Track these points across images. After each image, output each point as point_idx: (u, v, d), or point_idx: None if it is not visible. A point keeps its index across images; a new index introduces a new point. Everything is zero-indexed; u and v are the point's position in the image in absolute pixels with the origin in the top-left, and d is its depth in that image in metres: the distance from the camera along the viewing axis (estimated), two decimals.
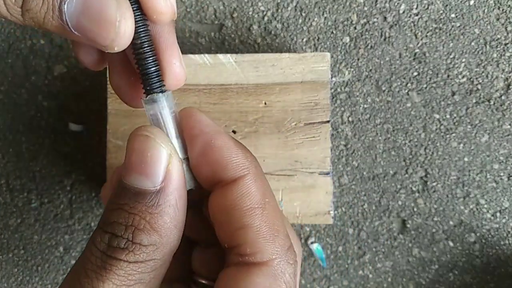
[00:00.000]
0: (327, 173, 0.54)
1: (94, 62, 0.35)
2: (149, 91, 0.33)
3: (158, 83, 0.33)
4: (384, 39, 0.61)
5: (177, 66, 0.33)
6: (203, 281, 0.36)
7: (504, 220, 0.59)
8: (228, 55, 0.54)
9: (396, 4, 0.60)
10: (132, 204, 0.30)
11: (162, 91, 0.33)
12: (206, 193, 0.34)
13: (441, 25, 0.60)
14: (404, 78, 0.60)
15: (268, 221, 0.31)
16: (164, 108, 0.33)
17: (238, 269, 0.30)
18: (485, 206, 0.59)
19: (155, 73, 0.33)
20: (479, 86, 0.60)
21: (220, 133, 0.33)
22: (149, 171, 0.30)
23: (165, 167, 0.30)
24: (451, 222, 0.60)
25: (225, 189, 0.32)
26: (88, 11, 0.27)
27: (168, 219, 0.30)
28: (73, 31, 0.28)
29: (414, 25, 0.60)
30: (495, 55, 0.60)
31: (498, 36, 0.60)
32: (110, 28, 0.28)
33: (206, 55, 0.55)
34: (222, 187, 0.32)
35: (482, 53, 0.60)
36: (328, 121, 0.53)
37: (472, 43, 0.60)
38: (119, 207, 0.30)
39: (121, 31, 0.28)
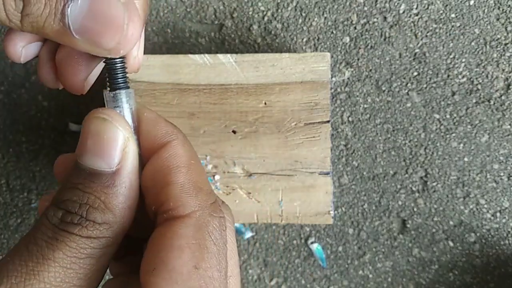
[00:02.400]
0: (327, 173, 0.54)
1: (54, 81, 0.36)
2: (115, 87, 0.34)
3: (123, 81, 0.34)
4: (384, 39, 0.61)
5: (137, 58, 0.35)
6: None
7: (504, 220, 0.59)
8: (228, 55, 0.54)
9: (396, 4, 0.60)
10: (87, 184, 0.30)
11: (126, 88, 0.34)
12: None
13: (441, 25, 0.60)
14: (404, 78, 0.60)
15: (191, 179, 0.32)
16: (126, 104, 0.34)
17: (163, 226, 0.31)
18: (485, 206, 0.59)
19: (121, 71, 0.34)
20: (479, 86, 0.60)
21: (154, 112, 0.34)
22: (105, 153, 0.31)
23: (121, 149, 0.31)
24: (451, 222, 0.60)
25: (155, 154, 0.33)
26: (95, 14, 0.27)
27: (123, 199, 0.31)
28: (74, 34, 0.28)
29: (414, 25, 0.60)
30: (495, 55, 0.60)
31: (498, 36, 0.60)
32: (117, 31, 0.28)
33: (206, 55, 0.55)
34: (156, 152, 0.33)
35: (482, 53, 0.60)
36: (328, 121, 0.53)
37: (472, 43, 0.60)
38: (73, 186, 0.31)
39: (128, 34, 0.28)
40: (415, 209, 0.60)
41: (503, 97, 0.59)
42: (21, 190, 0.63)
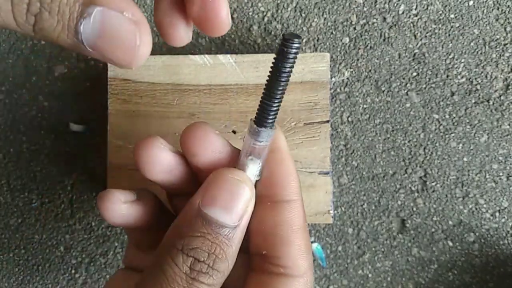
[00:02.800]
0: (327, 173, 0.54)
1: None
2: (262, 124, 0.36)
3: (272, 120, 0.36)
4: (384, 40, 0.61)
5: (224, 16, 0.34)
6: None
7: (503, 220, 0.60)
8: (228, 55, 0.55)
9: (395, 4, 0.61)
10: (214, 234, 0.34)
11: (271, 127, 0.36)
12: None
13: (440, 25, 0.60)
14: (404, 79, 0.60)
15: (306, 241, 0.36)
16: (267, 142, 0.36)
17: (274, 278, 0.35)
18: (484, 206, 0.60)
19: (275, 110, 0.35)
20: (478, 87, 0.60)
21: (290, 157, 0.38)
22: (234, 210, 0.35)
23: (245, 208, 0.35)
24: (450, 222, 0.60)
25: (279, 206, 0.37)
26: (107, 34, 0.27)
27: (236, 250, 0.35)
28: (89, 49, 0.28)
29: (414, 25, 0.61)
30: (494, 56, 0.60)
31: (497, 37, 0.60)
32: (130, 52, 0.28)
33: (206, 55, 0.55)
34: (277, 203, 0.37)
35: (481, 53, 0.60)
36: (327, 121, 0.54)
37: (471, 44, 0.60)
38: (201, 235, 0.34)
39: (139, 54, 0.29)
40: (414, 209, 0.60)
41: (502, 97, 0.60)
42: (22, 190, 0.63)
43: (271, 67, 0.34)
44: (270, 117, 0.35)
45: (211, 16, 0.33)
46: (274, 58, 0.33)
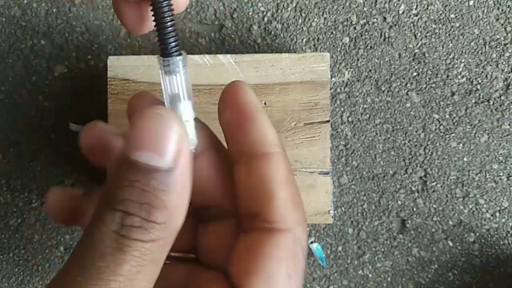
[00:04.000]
0: (327, 173, 0.54)
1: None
2: (167, 54, 0.33)
3: (176, 47, 0.33)
4: (384, 40, 0.61)
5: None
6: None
7: (503, 220, 0.59)
8: (228, 55, 0.55)
9: (395, 4, 0.61)
10: (145, 181, 0.29)
11: (179, 54, 0.34)
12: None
13: (440, 25, 0.60)
14: (404, 78, 0.60)
15: (292, 195, 0.34)
16: (180, 71, 0.34)
17: (261, 234, 0.33)
18: (485, 206, 0.60)
19: (173, 37, 0.33)
20: (478, 86, 0.60)
21: (262, 109, 0.35)
22: (163, 150, 0.29)
23: (177, 147, 0.30)
24: (450, 222, 0.60)
25: (259, 161, 0.34)
26: None
27: (177, 197, 0.30)
28: None
29: (414, 25, 0.61)
30: (494, 55, 0.60)
31: (498, 37, 0.60)
32: None
33: (206, 55, 0.55)
34: (255, 159, 0.34)
35: (481, 53, 0.60)
36: (327, 121, 0.54)
37: (472, 44, 0.60)
38: (130, 184, 0.29)
39: None
40: (414, 209, 0.60)
41: (502, 97, 0.60)
42: (22, 190, 0.63)
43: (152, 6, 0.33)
44: (171, 44, 0.33)
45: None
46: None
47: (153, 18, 0.33)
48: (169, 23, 0.33)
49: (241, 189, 0.34)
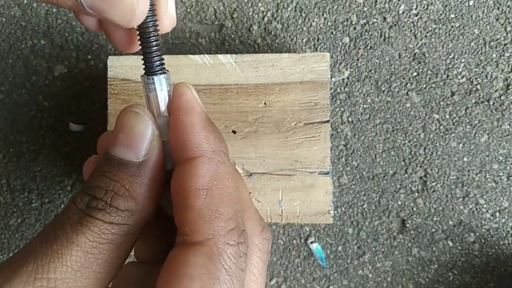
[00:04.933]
0: (327, 173, 0.54)
1: (96, 26, 0.37)
2: (149, 71, 0.35)
3: (159, 64, 0.35)
4: (384, 40, 0.61)
5: (169, 14, 0.35)
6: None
7: (503, 220, 0.59)
8: (228, 55, 0.54)
9: (395, 4, 0.61)
10: (115, 172, 0.32)
11: (162, 73, 0.35)
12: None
13: (440, 25, 0.60)
14: (404, 78, 0.60)
15: (210, 203, 0.31)
16: (160, 89, 0.35)
17: (178, 249, 0.31)
18: (485, 206, 0.60)
19: (156, 55, 0.35)
20: (478, 86, 0.60)
21: (193, 110, 0.34)
22: (134, 145, 0.33)
23: (149, 143, 0.33)
24: (450, 222, 0.60)
25: (178, 168, 0.33)
26: None
27: (146, 190, 0.32)
28: (88, 10, 0.28)
29: (414, 25, 0.61)
30: (494, 55, 0.60)
31: (498, 37, 0.60)
32: (127, 10, 0.29)
33: (206, 55, 0.55)
34: (178, 165, 0.33)
35: (481, 53, 0.60)
36: (327, 121, 0.54)
37: (472, 44, 0.60)
38: (102, 174, 0.32)
39: (137, 12, 0.29)
40: (414, 209, 0.60)
41: (502, 97, 0.60)
42: (22, 190, 0.63)
43: (139, 30, 0.35)
44: (156, 63, 0.35)
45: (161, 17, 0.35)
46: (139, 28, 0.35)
47: (139, 38, 0.34)
48: (154, 43, 0.35)
49: (173, 199, 0.33)
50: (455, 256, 0.60)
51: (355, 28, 0.61)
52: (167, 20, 0.35)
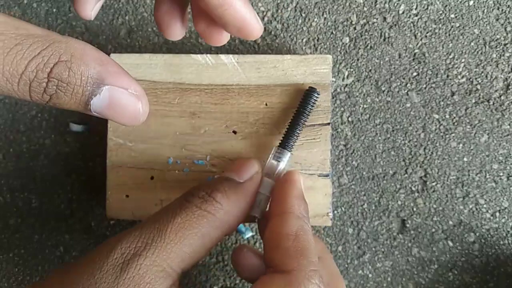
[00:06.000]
0: (327, 175, 0.54)
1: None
2: (284, 145, 0.50)
3: (293, 145, 0.51)
4: (384, 40, 0.61)
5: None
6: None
7: (503, 220, 0.60)
8: (230, 55, 0.55)
9: (395, 4, 0.61)
10: (220, 180, 0.44)
11: (290, 151, 0.50)
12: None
13: (440, 25, 0.60)
14: (404, 79, 0.60)
15: (297, 246, 0.40)
16: (283, 161, 0.50)
17: (266, 275, 0.39)
18: (485, 206, 0.60)
19: (297, 137, 0.51)
20: (478, 86, 0.60)
21: (296, 184, 0.46)
22: (241, 170, 0.46)
23: (251, 175, 0.46)
24: (450, 222, 0.60)
25: (274, 218, 0.43)
26: (114, 106, 0.32)
27: (237, 201, 0.44)
28: (97, 115, 0.33)
29: (414, 25, 0.61)
30: (494, 56, 0.60)
31: (498, 37, 0.60)
32: (134, 118, 0.34)
33: (208, 55, 0.55)
34: (272, 218, 0.43)
35: (481, 53, 0.60)
36: (328, 123, 0.54)
37: (472, 44, 0.60)
38: (212, 184, 0.44)
39: (141, 119, 0.34)
40: (414, 209, 0.60)
41: (502, 97, 0.60)
42: (22, 190, 0.63)
43: (297, 108, 0.52)
44: (292, 143, 0.50)
45: (213, 35, 0.45)
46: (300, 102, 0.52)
47: (292, 118, 0.51)
48: (301, 128, 0.51)
49: (264, 240, 0.43)
50: (455, 256, 0.60)
51: (355, 28, 0.61)
52: (254, 29, 0.42)
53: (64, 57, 0.30)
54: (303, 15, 0.61)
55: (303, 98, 0.52)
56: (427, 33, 0.60)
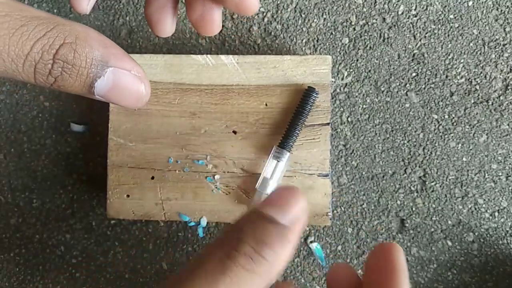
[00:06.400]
0: (326, 175, 0.54)
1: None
2: (283, 145, 0.52)
3: (292, 144, 0.52)
4: (383, 40, 0.61)
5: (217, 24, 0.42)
6: None
7: (502, 220, 0.60)
8: (230, 56, 0.55)
9: (395, 5, 0.61)
10: (265, 227, 0.34)
11: (289, 150, 0.52)
12: None
13: (439, 26, 0.61)
14: (403, 79, 0.61)
15: None
16: (283, 161, 0.52)
17: None
18: (484, 205, 0.60)
19: (296, 137, 0.52)
20: (477, 87, 0.60)
21: (406, 274, 0.39)
22: (288, 210, 0.35)
23: (298, 213, 0.35)
24: (449, 222, 0.60)
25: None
26: (117, 88, 0.32)
27: (284, 256, 0.34)
28: (99, 98, 0.32)
29: (413, 26, 0.61)
30: (493, 56, 0.60)
31: (497, 37, 0.60)
32: (136, 100, 0.33)
33: (209, 56, 0.55)
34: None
35: (480, 53, 0.60)
36: (328, 124, 0.54)
37: (471, 44, 0.60)
38: (255, 224, 0.35)
39: (144, 100, 0.34)
40: (413, 209, 0.60)
41: (501, 98, 0.60)
42: (23, 190, 0.63)
43: (296, 108, 0.53)
44: (292, 142, 0.52)
45: (207, 23, 0.42)
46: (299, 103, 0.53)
47: (291, 118, 0.53)
48: (300, 128, 0.52)
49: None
50: (454, 256, 0.60)
51: (354, 29, 0.61)
52: (254, 4, 0.40)
53: (69, 39, 0.30)
54: (303, 15, 0.61)
55: (302, 98, 0.52)
56: (426, 33, 0.61)
